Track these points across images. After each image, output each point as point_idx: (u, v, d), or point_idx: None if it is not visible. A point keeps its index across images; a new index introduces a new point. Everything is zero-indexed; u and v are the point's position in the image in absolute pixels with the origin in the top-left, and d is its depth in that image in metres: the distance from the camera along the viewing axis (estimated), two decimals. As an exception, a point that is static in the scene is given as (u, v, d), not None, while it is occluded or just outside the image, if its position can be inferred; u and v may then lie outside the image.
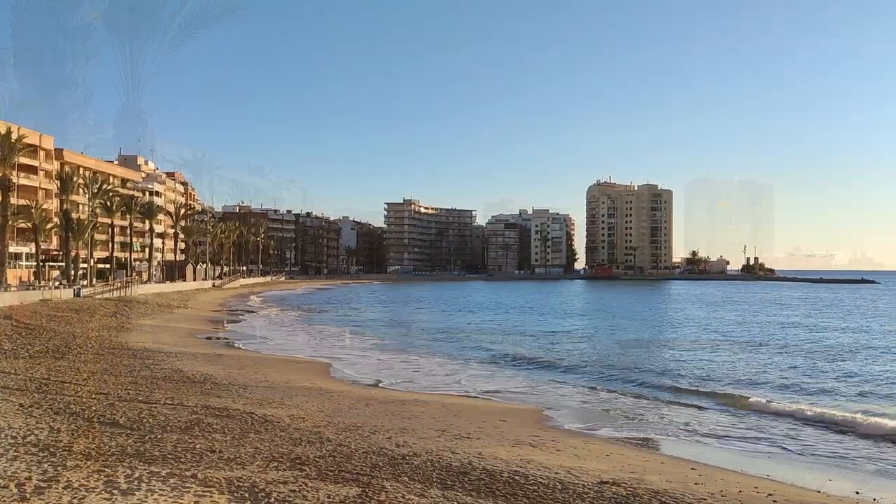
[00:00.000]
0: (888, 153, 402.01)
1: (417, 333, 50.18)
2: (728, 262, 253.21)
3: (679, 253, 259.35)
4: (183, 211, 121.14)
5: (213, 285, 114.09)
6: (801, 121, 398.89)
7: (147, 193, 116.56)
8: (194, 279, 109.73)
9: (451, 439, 15.12)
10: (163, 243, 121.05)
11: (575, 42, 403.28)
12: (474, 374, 29.85)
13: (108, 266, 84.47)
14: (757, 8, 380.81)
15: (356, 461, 11.96)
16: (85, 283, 69.42)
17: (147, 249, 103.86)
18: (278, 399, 19.32)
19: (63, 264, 73.36)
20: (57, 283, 65.53)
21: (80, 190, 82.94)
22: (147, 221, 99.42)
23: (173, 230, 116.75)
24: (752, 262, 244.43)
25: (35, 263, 70.06)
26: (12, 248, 67.99)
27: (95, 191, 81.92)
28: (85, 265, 76.70)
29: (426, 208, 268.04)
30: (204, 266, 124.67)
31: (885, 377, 29.31)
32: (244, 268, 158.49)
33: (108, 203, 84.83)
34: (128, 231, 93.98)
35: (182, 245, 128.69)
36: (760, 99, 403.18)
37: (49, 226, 74.88)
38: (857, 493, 13.01)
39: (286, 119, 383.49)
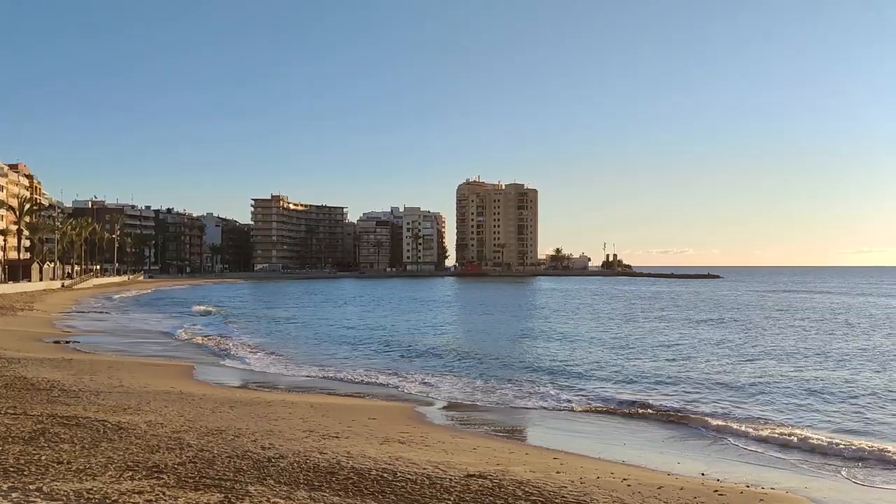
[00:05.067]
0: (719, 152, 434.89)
1: (286, 334, 49.22)
2: (590, 259, 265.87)
3: (545, 249, 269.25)
4: (28, 206, 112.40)
5: (63, 285, 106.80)
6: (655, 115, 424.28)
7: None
8: (41, 279, 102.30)
9: (320, 439, 14.90)
10: (4, 241, 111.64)
11: (443, 42, 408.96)
12: (339, 372, 29.64)
13: (-61, 265, 77.03)
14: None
15: (219, 466, 11.53)
16: (-89, 284, 62.93)
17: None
18: (134, 405, 18.30)
19: None
20: None
21: None
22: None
23: (16, 226, 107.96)
24: (611, 258, 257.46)
25: None
26: None
27: (-76, 183, 74.51)
28: (-89, 264, 69.53)
29: (296, 205, 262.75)
30: (52, 265, 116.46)
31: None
32: (98, 267, 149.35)
33: (-60, 196, 77.35)
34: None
35: (27, 243, 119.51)
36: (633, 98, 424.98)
37: None
38: (703, 473, 13.99)
39: (149, 113, 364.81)
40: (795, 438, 17.45)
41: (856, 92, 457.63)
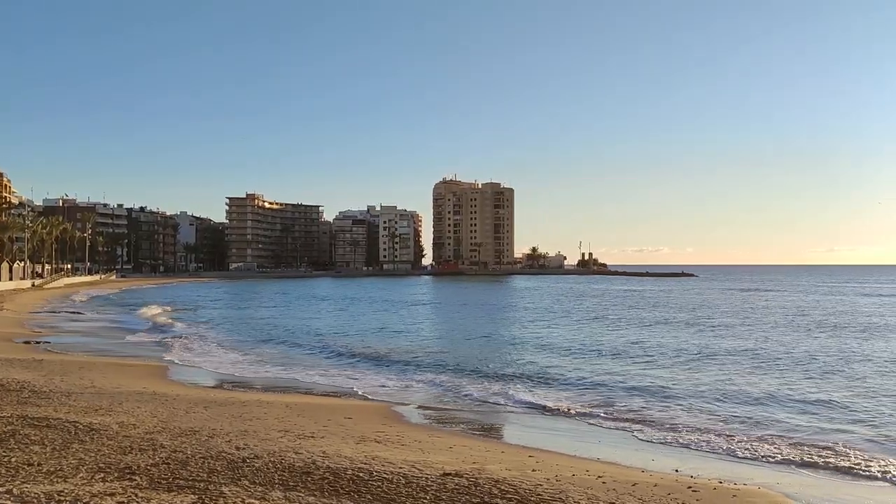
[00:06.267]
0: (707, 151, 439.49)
1: (259, 334, 48.92)
2: (565, 258, 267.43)
3: (522, 248, 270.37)
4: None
5: (33, 285, 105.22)
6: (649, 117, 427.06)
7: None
8: (10, 279, 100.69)
9: (295, 439, 14.82)
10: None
11: (438, 42, 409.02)
12: (320, 372, 29.54)
13: None
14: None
15: (192, 467, 11.42)
16: None
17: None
18: (106, 405, 18.06)
19: None
20: None
21: None
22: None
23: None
24: (586, 257, 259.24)
25: None
26: None
27: None
28: None
29: (271, 203, 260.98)
30: (22, 264, 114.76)
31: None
32: (69, 266, 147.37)
33: None
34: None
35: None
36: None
37: None
38: (677, 470, 14.14)
39: (123, 113, 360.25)
40: (766, 435, 17.69)
41: (855, 92, 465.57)
